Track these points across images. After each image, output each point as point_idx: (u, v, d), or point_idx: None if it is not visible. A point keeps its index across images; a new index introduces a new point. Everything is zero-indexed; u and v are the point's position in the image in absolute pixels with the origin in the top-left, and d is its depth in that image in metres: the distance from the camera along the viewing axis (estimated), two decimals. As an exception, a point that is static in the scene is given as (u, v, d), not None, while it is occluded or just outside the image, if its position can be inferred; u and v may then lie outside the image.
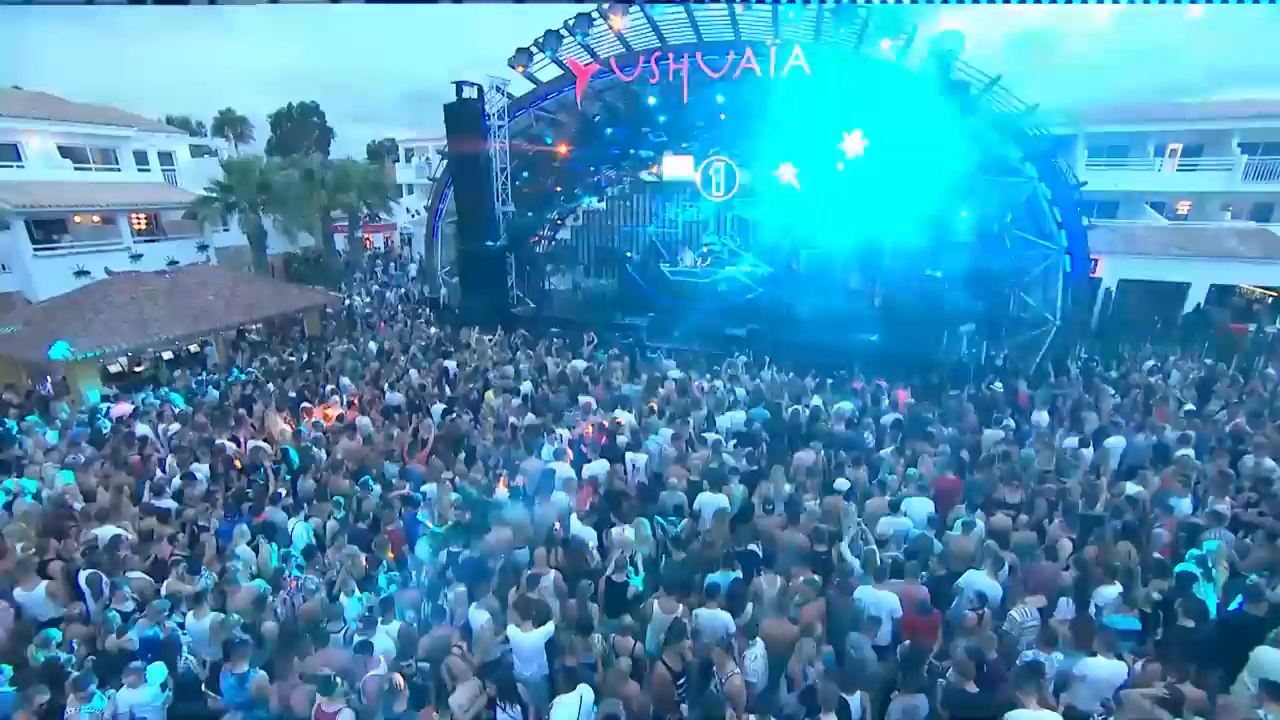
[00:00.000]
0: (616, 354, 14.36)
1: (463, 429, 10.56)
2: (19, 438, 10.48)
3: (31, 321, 13.65)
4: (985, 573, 6.43)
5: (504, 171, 18.81)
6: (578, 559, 7.17)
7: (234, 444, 10.05)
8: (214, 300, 15.08)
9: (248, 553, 7.30)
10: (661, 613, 6.19)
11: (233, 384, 13.10)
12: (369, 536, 7.72)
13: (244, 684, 5.54)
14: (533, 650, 5.83)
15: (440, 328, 18.07)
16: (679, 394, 11.80)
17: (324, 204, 25.98)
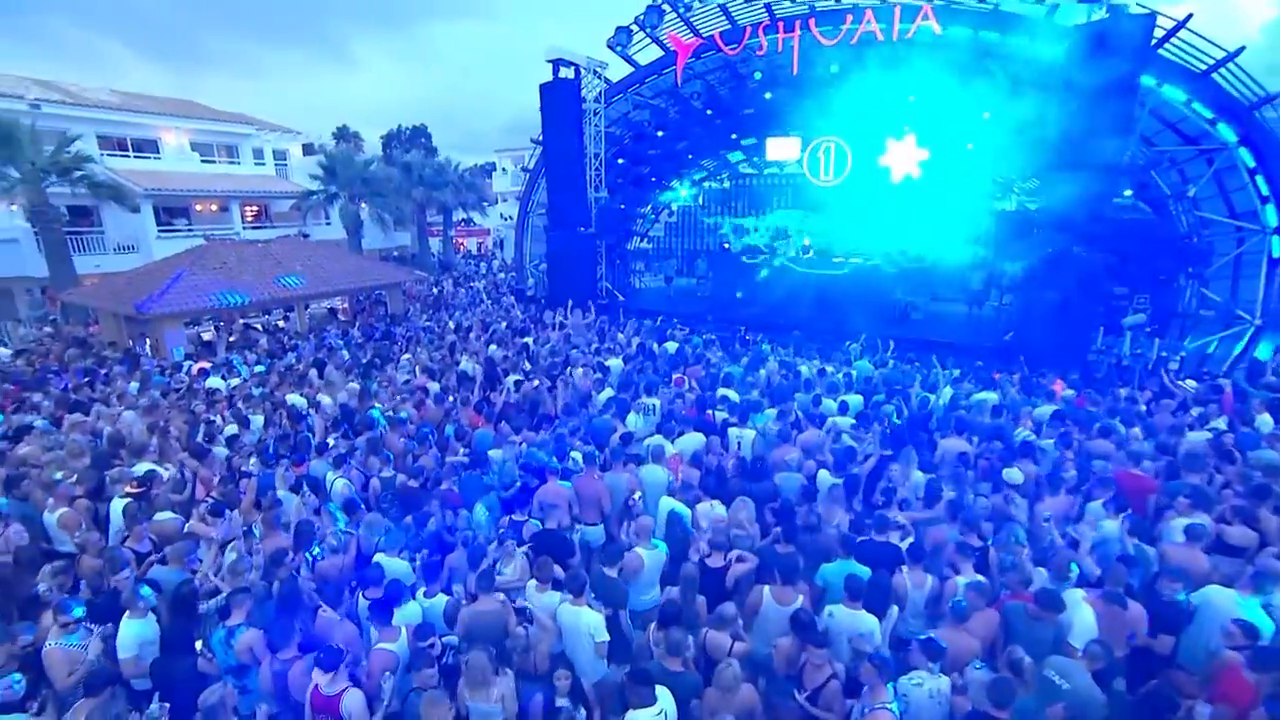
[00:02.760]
0: (712, 339, 12.99)
1: (536, 395, 9.47)
2: (99, 388, 10.45)
3: (133, 281, 13.98)
4: (1244, 595, 4.53)
5: (597, 157, 18.06)
6: (680, 537, 5.76)
7: (302, 399, 9.44)
8: (302, 270, 15.01)
9: (290, 499, 6.43)
10: (777, 603, 4.68)
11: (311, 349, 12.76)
12: (421, 497, 6.68)
13: (230, 640, 4.48)
14: (589, 634, 4.48)
15: (525, 311, 17.32)
16: (784, 376, 10.34)
17: (420, 199, 26.36)
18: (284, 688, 4.14)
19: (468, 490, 6.73)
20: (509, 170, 39.70)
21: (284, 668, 4.17)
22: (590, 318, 14.68)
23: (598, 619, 4.50)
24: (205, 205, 25.24)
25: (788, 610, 4.68)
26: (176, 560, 5.46)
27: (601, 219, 18.36)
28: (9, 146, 16.85)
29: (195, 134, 26.12)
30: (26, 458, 7.40)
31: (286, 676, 4.14)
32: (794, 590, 4.88)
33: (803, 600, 4.76)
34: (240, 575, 5.18)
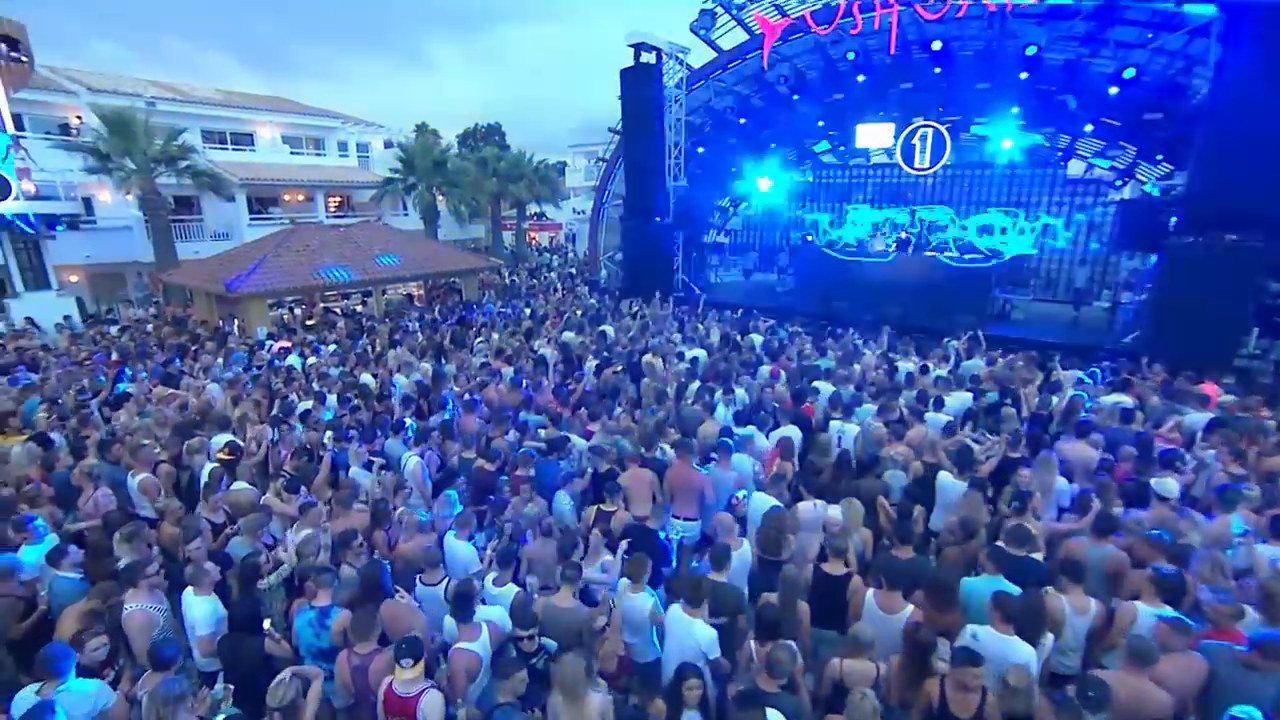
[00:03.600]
0: (798, 331, 12.21)
1: (617, 383, 9.01)
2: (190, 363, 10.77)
3: (224, 263, 14.47)
4: None
5: (676, 146, 17.51)
6: (775, 537, 5.11)
7: (374, 380, 9.34)
8: (380, 253, 15.18)
9: (364, 475, 6.18)
10: (882, 612, 4.01)
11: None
12: (494, 479, 6.30)
13: (324, 622, 4.12)
14: (701, 650, 3.88)
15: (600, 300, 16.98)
16: (882, 370, 9.53)
17: (495, 191, 26.59)
18: (364, 685, 3.75)
19: (546, 476, 6.31)
20: (581, 166, 39.76)
21: (363, 662, 3.78)
22: (669, 308, 14.12)
23: (711, 635, 3.91)
24: (293, 195, 26.62)
25: (894, 620, 4.01)
26: (250, 534, 5.26)
27: (680, 209, 17.80)
28: (127, 138, 18.07)
29: (286, 128, 27.53)
30: (122, 425, 7.54)
31: (367, 671, 3.74)
32: (901, 597, 4.19)
33: (915, 612, 4.05)
34: (307, 555, 4.90)
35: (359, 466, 6.38)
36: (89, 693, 3.65)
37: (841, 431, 7.42)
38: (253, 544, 5.19)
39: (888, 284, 15.80)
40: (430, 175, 23.35)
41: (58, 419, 7.78)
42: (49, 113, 21.64)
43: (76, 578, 4.75)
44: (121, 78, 24.92)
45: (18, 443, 6.85)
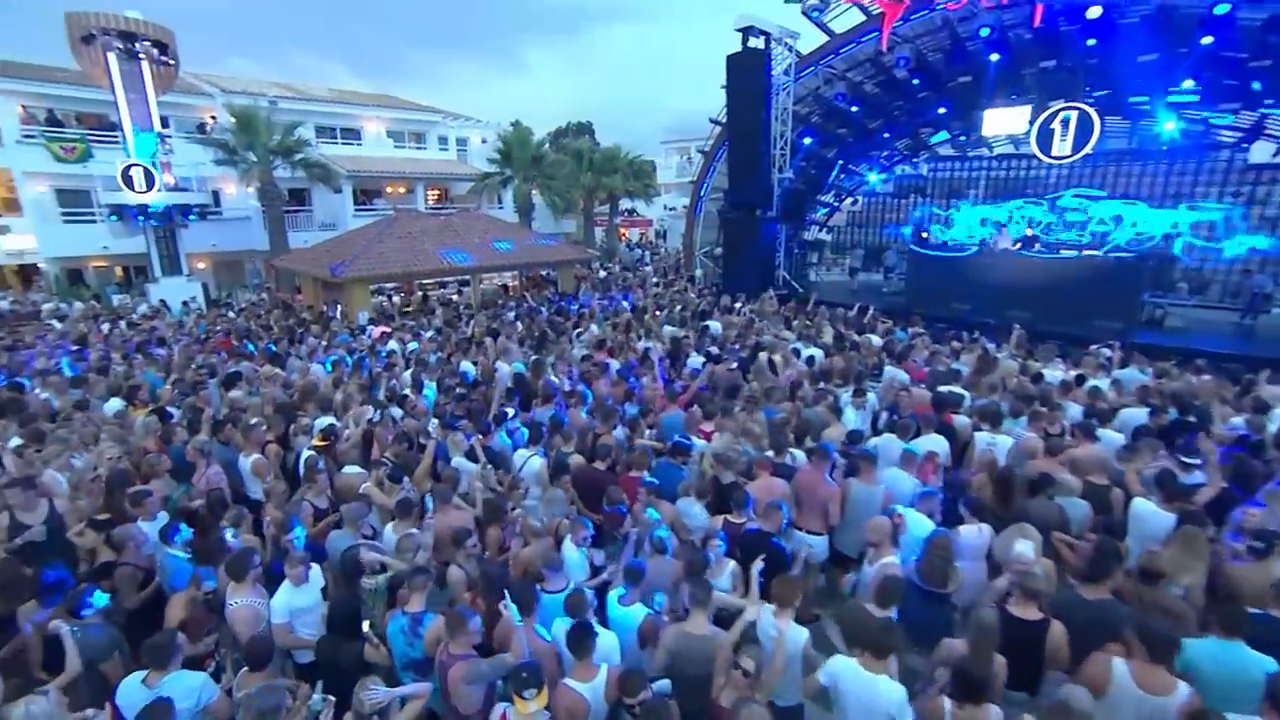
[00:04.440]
0: (920, 332, 11.12)
1: (730, 380, 8.32)
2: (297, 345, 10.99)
3: (330, 249, 14.88)
4: None
5: (783, 136, 16.59)
6: (940, 566, 4.31)
7: (474, 367, 9.08)
8: (479, 244, 15.16)
9: (468, 467, 5.79)
10: (1140, 690, 3.22)
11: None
12: (605, 481, 5.75)
13: (418, 630, 3.69)
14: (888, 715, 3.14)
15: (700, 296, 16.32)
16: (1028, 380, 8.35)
17: (589, 185, 26.48)
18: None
19: (665, 479, 5.71)
20: (673, 163, 39.24)
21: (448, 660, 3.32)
22: (777, 304, 13.26)
23: (902, 695, 3.16)
24: (395, 187, 27.66)
25: (1161, 707, 3.09)
26: (351, 525, 4.94)
27: (784, 203, 16.89)
28: (251, 133, 19.23)
29: (391, 122, 28.81)
30: (234, 402, 7.57)
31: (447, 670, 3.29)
32: (1167, 673, 3.25)
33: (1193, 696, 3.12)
34: (405, 553, 4.51)
35: (461, 456, 6.00)
36: (193, 687, 3.40)
37: (992, 444, 6.45)
38: (355, 536, 4.88)
39: (1014, 284, 14.28)
40: (527, 168, 23.49)
41: (179, 394, 7.93)
42: (188, 114, 23.37)
43: (184, 557, 4.58)
44: (250, 80, 26.66)
45: (143, 415, 6.97)
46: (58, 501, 5.12)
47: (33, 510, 4.94)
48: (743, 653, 3.36)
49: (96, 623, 3.94)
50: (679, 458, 6.07)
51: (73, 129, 21.65)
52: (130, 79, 17.57)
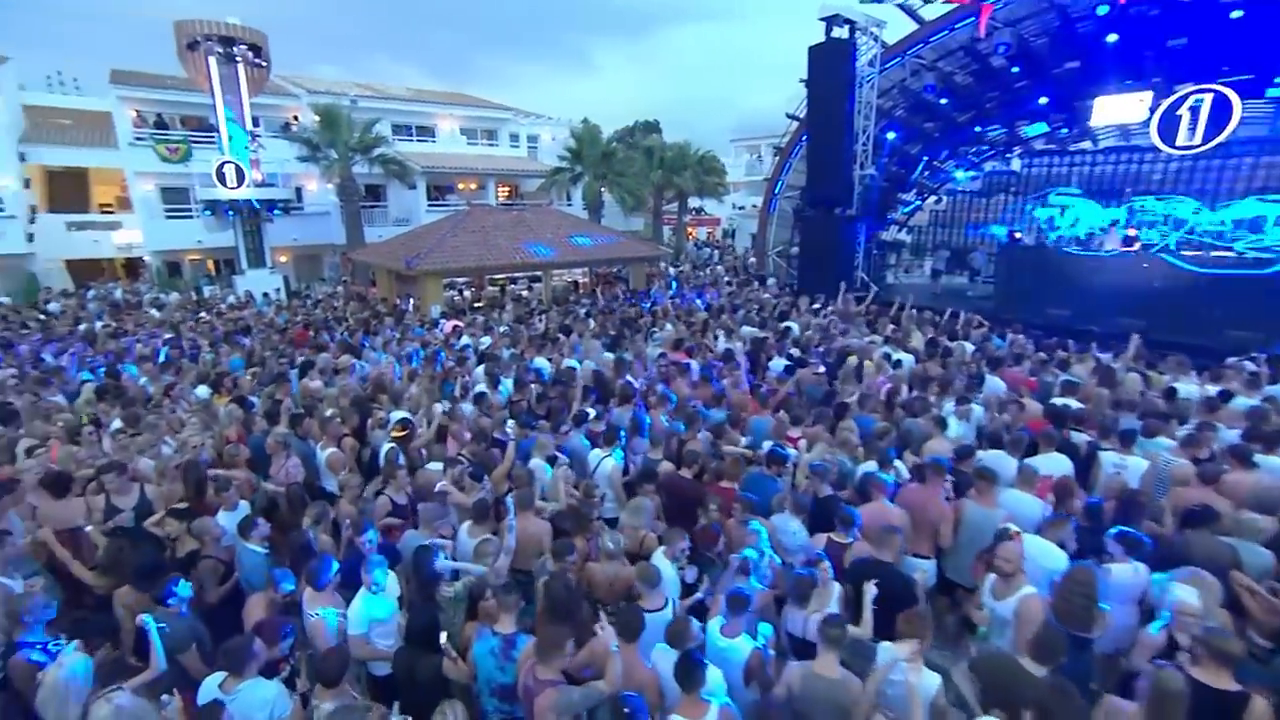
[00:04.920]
0: (1019, 338, 10.23)
1: (815, 386, 7.78)
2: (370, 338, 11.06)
3: (405, 243, 15.09)
4: None
5: (865, 131, 15.77)
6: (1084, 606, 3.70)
7: (549, 364, 8.83)
8: (552, 239, 15.04)
9: (545, 469, 5.53)
10: None
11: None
12: (695, 490, 5.35)
13: (511, 654, 3.37)
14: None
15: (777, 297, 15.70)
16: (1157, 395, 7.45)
17: (659, 183, 26.14)
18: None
19: (757, 491, 5.26)
20: (743, 162, 38.47)
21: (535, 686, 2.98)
22: (859, 305, 12.53)
23: None
24: (466, 183, 28.23)
25: None
26: (427, 526, 4.71)
27: (865, 201, 16.05)
28: (333, 130, 19.88)
29: (464, 120, 29.46)
30: (311, 393, 7.56)
31: (533, 697, 2.95)
32: None
33: None
34: (486, 557, 4.22)
35: (541, 458, 5.71)
36: (266, 699, 3.20)
37: (1121, 466, 5.69)
38: (431, 537, 4.65)
39: (1124, 289, 13.03)
40: (597, 165, 23.38)
41: (259, 384, 8.01)
42: (275, 114, 24.41)
43: (262, 552, 4.45)
44: (333, 81, 27.66)
45: (227, 403, 7.02)
46: (148, 488, 5.12)
47: (126, 495, 4.97)
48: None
49: (180, 613, 3.84)
50: (774, 467, 5.60)
51: (177, 131, 22.98)
52: (228, 81, 18.58)
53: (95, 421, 6.19)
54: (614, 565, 4.32)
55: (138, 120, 22.68)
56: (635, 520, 4.74)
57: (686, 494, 5.43)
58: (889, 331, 10.95)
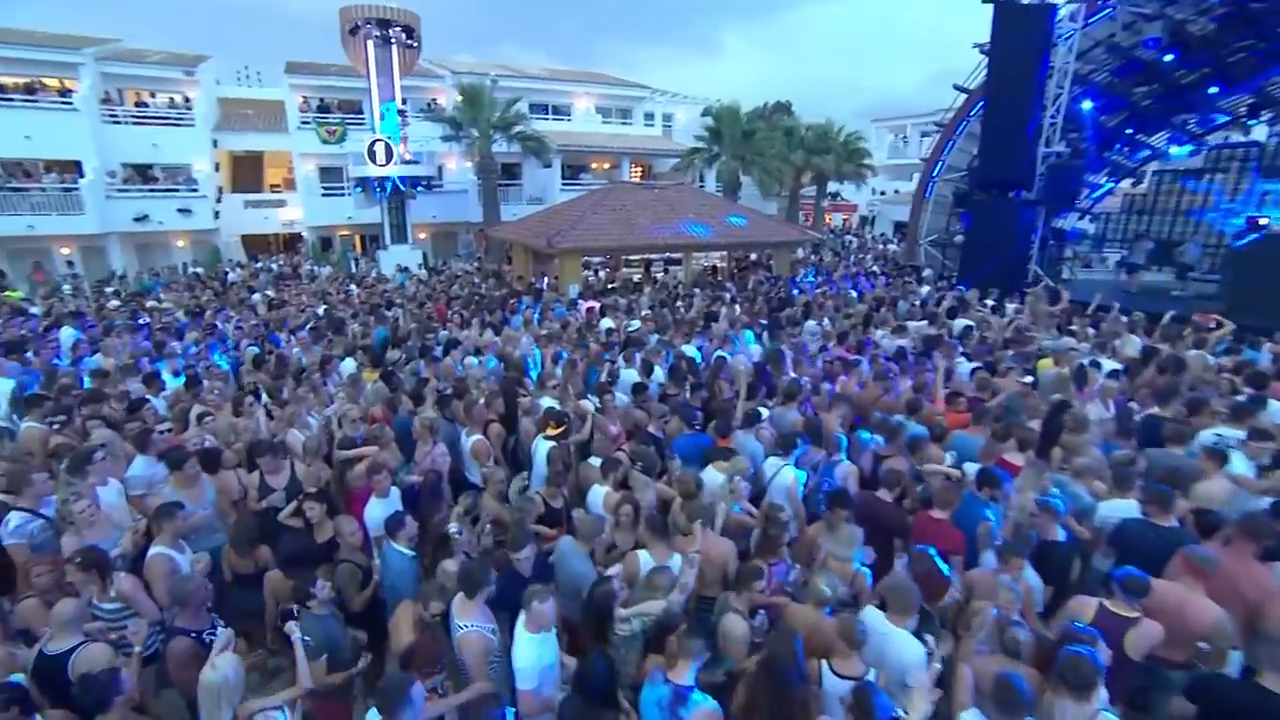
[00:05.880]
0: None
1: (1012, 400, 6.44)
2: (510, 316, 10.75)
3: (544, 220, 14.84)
4: None
5: (1058, 101, 13.57)
6: None
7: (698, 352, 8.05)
8: (708, 218, 14.23)
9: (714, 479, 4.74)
10: None
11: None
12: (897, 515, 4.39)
13: (680, 711, 2.64)
14: None
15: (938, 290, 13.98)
16: None
17: (800, 165, 24.55)
18: None
19: (967, 519, 4.20)
20: (886, 142, 35.65)
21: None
22: (1053, 303, 10.64)
23: None
24: (599, 162, 28.18)
25: None
26: (585, 542, 4.06)
27: (1051, 183, 13.88)
28: (476, 108, 20.28)
29: (600, 99, 29.30)
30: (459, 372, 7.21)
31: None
32: None
33: None
34: (659, 590, 3.47)
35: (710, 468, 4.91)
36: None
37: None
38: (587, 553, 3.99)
39: None
40: (737, 145, 22.19)
41: (404, 358, 7.81)
42: (420, 95, 25.35)
43: (409, 554, 3.97)
44: (475, 62, 28.42)
45: (373, 379, 6.81)
46: (298, 466, 4.85)
47: (278, 474, 4.73)
48: None
49: (325, 615, 3.43)
50: (988, 490, 4.48)
51: (334, 114, 24.50)
52: (382, 63, 19.53)
53: (254, 392, 6.12)
54: (817, 613, 3.45)
55: (303, 105, 24.40)
56: (845, 552, 3.84)
57: (888, 523, 4.45)
58: (1084, 335, 9.20)
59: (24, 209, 19.20)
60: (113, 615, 3.77)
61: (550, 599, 3.17)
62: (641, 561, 3.86)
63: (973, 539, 4.27)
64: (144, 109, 22.54)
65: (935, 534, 4.32)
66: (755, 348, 8.75)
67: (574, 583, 3.94)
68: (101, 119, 20.91)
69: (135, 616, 3.73)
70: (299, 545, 4.18)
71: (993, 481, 4.48)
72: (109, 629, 3.68)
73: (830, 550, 3.94)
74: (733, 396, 6.54)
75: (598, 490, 4.60)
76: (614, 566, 3.90)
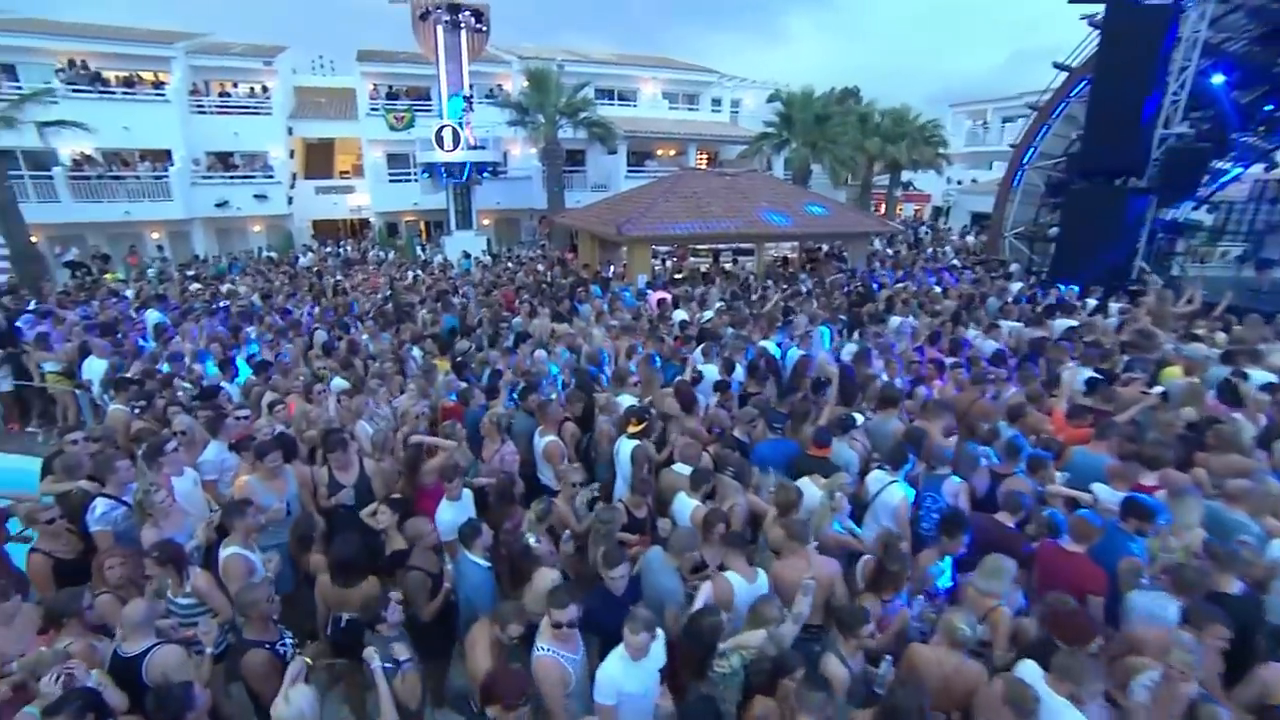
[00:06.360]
0: None
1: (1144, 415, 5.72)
2: (579, 306, 10.44)
3: (612, 207, 14.51)
4: None
5: (1184, 75, 12.22)
6: None
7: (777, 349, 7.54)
8: (771, 207, 13.60)
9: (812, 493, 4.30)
10: None
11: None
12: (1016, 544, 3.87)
13: None
14: None
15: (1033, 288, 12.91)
16: None
17: (874, 152, 23.32)
18: None
19: (1106, 554, 3.64)
20: (964, 129, 33.62)
21: None
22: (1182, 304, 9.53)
23: None
24: (665, 149, 27.50)
25: None
26: (677, 556, 3.70)
27: (1168, 169, 12.55)
28: (542, 93, 20.11)
29: (667, 83, 28.66)
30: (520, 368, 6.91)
31: None
32: None
33: None
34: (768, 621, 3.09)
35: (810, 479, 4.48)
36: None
37: None
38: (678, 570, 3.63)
39: None
40: (809, 131, 21.15)
41: (474, 347, 7.60)
42: (487, 81, 25.38)
43: (485, 565, 3.69)
44: (541, 47, 28.26)
45: (445, 369, 6.61)
46: (367, 462, 4.65)
47: (347, 470, 4.51)
48: None
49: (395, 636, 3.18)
50: (1134, 521, 3.88)
51: (402, 101, 24.80)
52: (451, 49, 19.56)
53: (324, 380, 6.00)
54: (955, 656, 3.00)
55: (373, 93, 24.81)
56: (992, 585, 3.34)
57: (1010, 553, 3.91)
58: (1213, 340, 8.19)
59: (121, 196, 20.21)
60: (186, 611, 3.68)
61: (655, 632, 2.83)
62: (736, 586, 3.48)
63: (1114, 577, 3.72)
64: (226, 99, 23.35)
65: (1069, 570, 3.78)
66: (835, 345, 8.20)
67: (659, 598, 3.63)
68: (189, 109, 21.82)
69: (206, 615, 3.62)
70: (357, 550, 3.94)
71: (1143, 513, 3.88)
72: (181, 625, 3.60)
73: (974, 582, 3.44)
74: (808, 397, 6.07)
75: (685, 501, 4.22)
76: (703, 587, 3.54)
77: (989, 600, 3.33)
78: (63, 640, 3.23)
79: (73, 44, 20.56)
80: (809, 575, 3.33)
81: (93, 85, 20.20)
